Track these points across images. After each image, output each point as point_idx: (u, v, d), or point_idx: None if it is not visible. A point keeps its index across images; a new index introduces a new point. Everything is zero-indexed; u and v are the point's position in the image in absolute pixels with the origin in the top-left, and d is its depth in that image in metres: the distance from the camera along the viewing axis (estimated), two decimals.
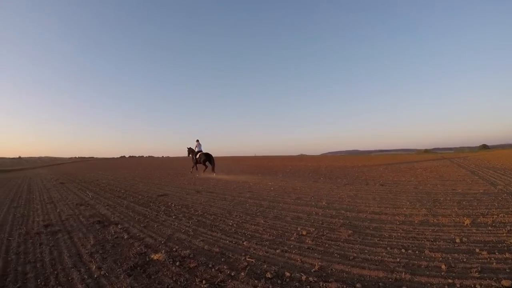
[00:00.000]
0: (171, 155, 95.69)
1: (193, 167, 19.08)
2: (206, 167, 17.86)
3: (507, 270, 3.11)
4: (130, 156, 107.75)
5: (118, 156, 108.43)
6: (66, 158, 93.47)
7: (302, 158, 57.37)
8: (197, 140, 18.45)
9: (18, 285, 3.20)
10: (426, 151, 67.77)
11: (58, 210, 7.43)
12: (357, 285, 2.91)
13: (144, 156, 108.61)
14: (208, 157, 17.57)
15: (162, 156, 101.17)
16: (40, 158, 78.82)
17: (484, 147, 67.43)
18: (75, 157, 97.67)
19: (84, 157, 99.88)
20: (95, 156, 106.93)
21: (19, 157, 73.63)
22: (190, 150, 18.93)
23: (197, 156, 18.00)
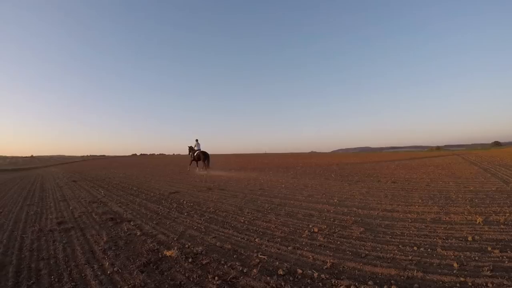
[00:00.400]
0: (182, 153, 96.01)
1: (190, 164, 21.12)
2: (204, 164, 19.31)
3: None
4: (141, 154, 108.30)
5: (130, 154, 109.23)
6: (78, 156, 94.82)
7: (313, 155, 57.11)
8: (196, 140, 20.30)
9: (32, 281, 3.25)
10: (438, 148, 66.94)
11: (71, 208, 7.55)
12: (369, 282, 2.90)
13: (155, 154, 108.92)
14: (204, 155, 19.32)
15: (173, 154, 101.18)
16: (52, 157, 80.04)
17: (496, 144, 66.16)
18: (87, 156, 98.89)
19: (96, 155, 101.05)
20: (106, 154, 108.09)
21: (32, 156, 74.97)
22: (190, 149, 20.71)
23: (195, 154, 19.86)
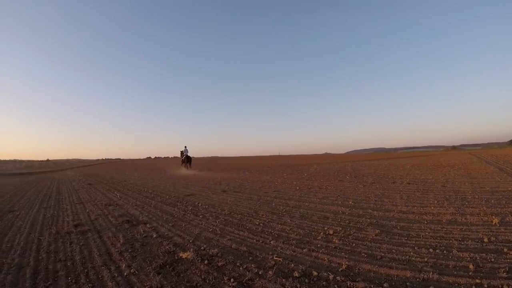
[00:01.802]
0: (196, 156, 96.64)
1: (181, 165, 26.84)
2: (187, 165, 25.55)
3: None
4: (156, 157, 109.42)
5: (144, 157, 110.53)
6: (93, 160, 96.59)
7: (327, 156, 56.78)
8: (185, 146, 26.22)
9: (49, 282, 3.31)
10: (454, 148, 65.79)
11: (87, 210, 7.70)
12: (385, 284, 2.89)
13: (170, 157, 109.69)
14: (188, 159, 25.65)
15: None
16: (67, 161, 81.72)
17: None
18: (102, 159, 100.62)
19: (111, 159, 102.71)
20: (121, 158, 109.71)
21: (47, 160, 76.67)
22: (181, 153, 26.49)
23: (182, 158, 26.01)
